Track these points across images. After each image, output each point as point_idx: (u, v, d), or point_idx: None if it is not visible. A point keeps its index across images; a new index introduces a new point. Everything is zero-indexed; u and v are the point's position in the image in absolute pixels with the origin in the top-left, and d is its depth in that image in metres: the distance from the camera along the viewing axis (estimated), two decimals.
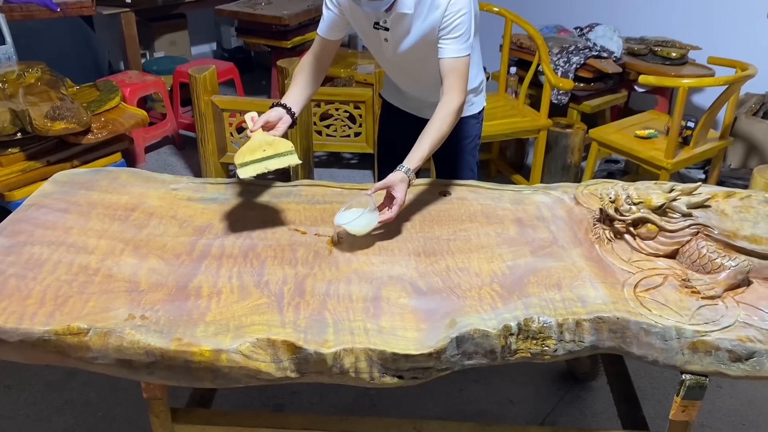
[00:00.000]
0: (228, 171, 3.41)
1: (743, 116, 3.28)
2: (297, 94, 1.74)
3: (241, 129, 3.21)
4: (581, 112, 3.37)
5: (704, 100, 3.66)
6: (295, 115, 1.69)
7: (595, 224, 1.60)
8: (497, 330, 1.27)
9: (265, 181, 1.82)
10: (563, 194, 1.78)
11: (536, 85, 3.36)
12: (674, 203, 1.49)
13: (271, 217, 1.65)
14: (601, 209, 1.58)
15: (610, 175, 3.41)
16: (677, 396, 1.30)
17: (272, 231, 1.59)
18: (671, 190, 1.52)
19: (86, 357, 1.26)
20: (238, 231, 1.59)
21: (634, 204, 1.50)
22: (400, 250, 1.53)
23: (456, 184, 1.82)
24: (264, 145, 1.58)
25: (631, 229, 1.51)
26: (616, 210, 1.52)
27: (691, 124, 2.80)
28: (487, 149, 3.47)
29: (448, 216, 1.67)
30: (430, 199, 1.73)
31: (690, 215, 1.48)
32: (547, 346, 1.29)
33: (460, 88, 1.61)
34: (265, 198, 1.75)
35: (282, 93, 3.04)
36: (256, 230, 1.59)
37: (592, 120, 3.47)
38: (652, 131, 2.85)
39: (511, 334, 1.28)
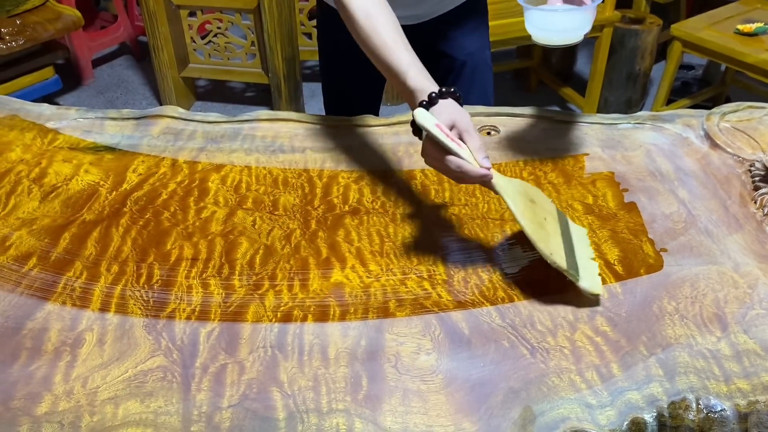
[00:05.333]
0: (195, 89, 2.69)
1: None
2: (404, 48, 0.84)
3: (206, 33, 2.47)
4: (652, 1, 2.57)
5: None
6: (442, 90, 0.79)
7: (757, 185, 0.92)
8: (619, 431, 0.62)
9: (198, 114, 1.14)
10: (685, 128, 1.08)
11: None
12: None
13: (200, 180, 0.98)
14: None
15: (685, 86, 2.66)
16: None
17: (197, 206, 0.93)
18: None
19: None
20: (140, 206, 0.93)
21: None
22: (418, 244, 0.86)
23: (506, 113, 1.13)
24: (539, 211, 0.79)
25: None
26: None
27: None
28: (526, 55, 2.70)
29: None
30: None
31: None
32: None
33: None
34: (196, 143, 1.07)
35: None
36: (171, 204, 0.93)
37: (662, 14, 2.67)
38: (760, 24, 2.08)
39: None
